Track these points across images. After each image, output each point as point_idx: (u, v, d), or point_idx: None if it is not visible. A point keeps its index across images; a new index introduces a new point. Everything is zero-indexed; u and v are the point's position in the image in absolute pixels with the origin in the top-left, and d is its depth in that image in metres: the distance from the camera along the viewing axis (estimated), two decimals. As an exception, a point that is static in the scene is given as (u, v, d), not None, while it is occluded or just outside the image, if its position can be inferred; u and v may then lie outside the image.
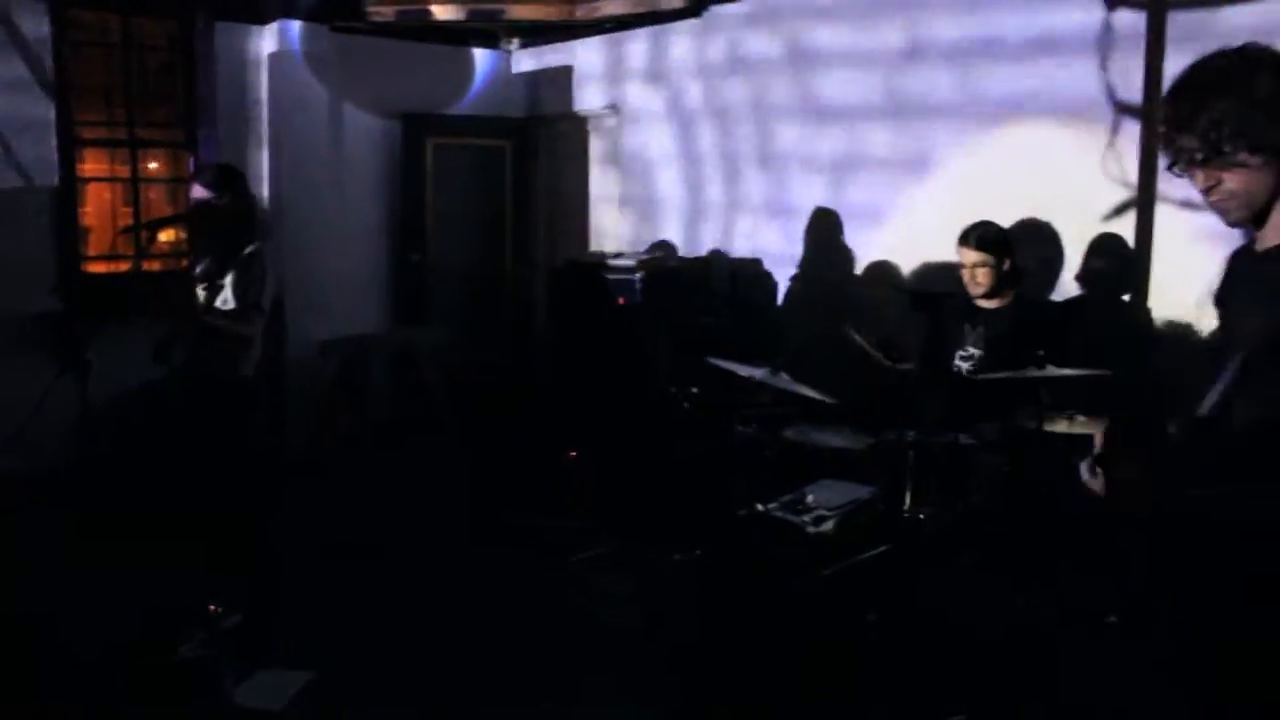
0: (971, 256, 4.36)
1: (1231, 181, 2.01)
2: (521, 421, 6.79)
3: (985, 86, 4.97)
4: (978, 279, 4.37)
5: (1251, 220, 2.07)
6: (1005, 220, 4.51)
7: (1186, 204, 4.23)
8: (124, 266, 6.35)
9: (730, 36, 6.24)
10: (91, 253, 6.49)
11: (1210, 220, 2.21)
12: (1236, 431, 2.01)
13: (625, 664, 4.02)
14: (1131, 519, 2.76)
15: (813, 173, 5.82)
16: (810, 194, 5.82)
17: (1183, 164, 2.07)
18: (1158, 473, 2.04)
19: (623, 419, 5.68)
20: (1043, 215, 4.77)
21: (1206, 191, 2.05)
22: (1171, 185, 4.27)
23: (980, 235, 4.35)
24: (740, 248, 6.29)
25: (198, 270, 4.59)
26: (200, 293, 4.47)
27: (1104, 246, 4.60)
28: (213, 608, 4.10)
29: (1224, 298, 2.28)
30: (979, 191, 4.94)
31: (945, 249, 4.57)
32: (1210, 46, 2.09)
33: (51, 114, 6.11)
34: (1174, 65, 4.11)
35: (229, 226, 4.50)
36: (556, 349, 6.81)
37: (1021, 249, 4.47)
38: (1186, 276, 4.17)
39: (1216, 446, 2.01)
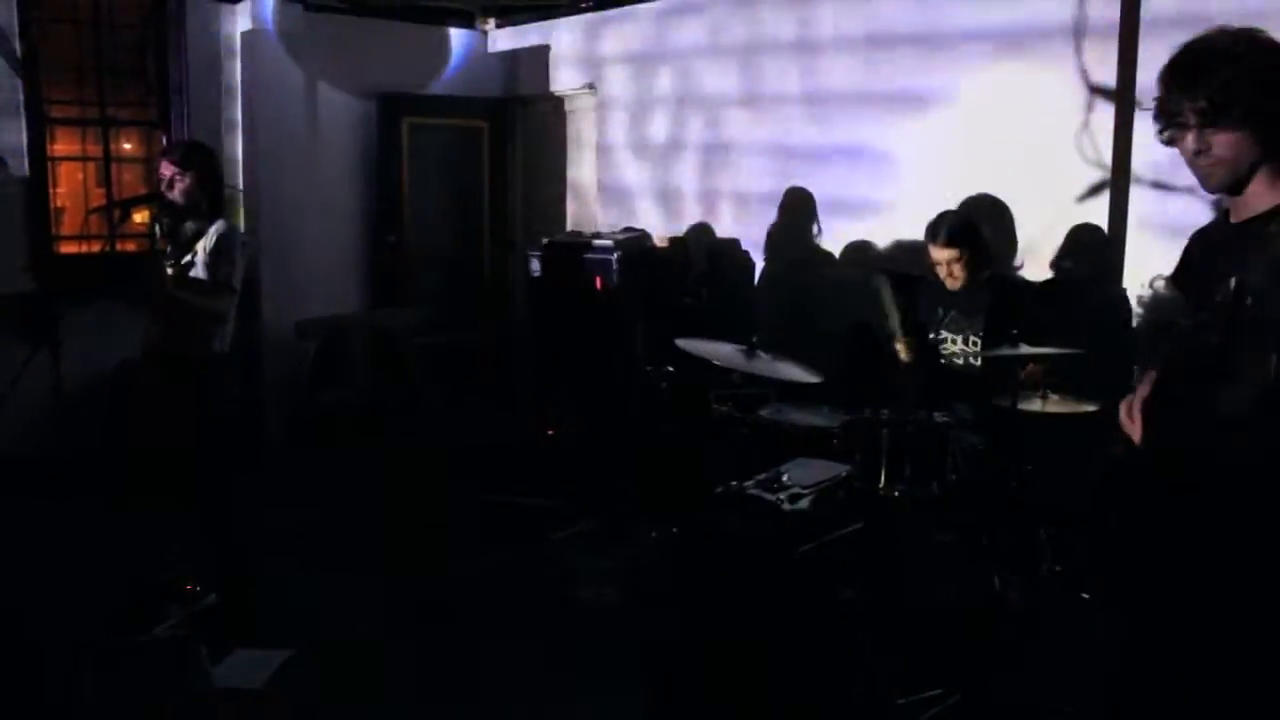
0: (944, 254, 4.30)
1: (1220, 147, 2.13)
2: (499, 402, 6.79)
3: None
4: (954, 274, 4.33)
5: (1231, 188, 2.19)
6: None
7: (1158, 185, 4.27)
8: (97, 247, 6.30)
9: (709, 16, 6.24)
10: (64, 233, 6.43)
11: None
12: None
13: (602, 641, 4.04)
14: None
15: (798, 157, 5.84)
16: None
17: (1175, 129, 2.17)
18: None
19: (600, 398, 5.68)
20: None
21: (1196, 154, 2.16)
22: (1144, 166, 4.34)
23: (949, 230, 4.30)
24: (718, 228, 6.30)
25: (167, 249, 4.55)
26: (169, 270, 4.43)
27: (1078, 228, 4.63)
28: (189, 587, 4.08)
29: (1184, 277, 2.42)
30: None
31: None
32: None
33: (20, 93, 6.03)
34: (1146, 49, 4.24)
35: (196, 204, 4.46)
36: (534, 329, 6.80)
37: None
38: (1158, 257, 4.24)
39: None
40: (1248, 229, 2.17)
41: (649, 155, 6.72)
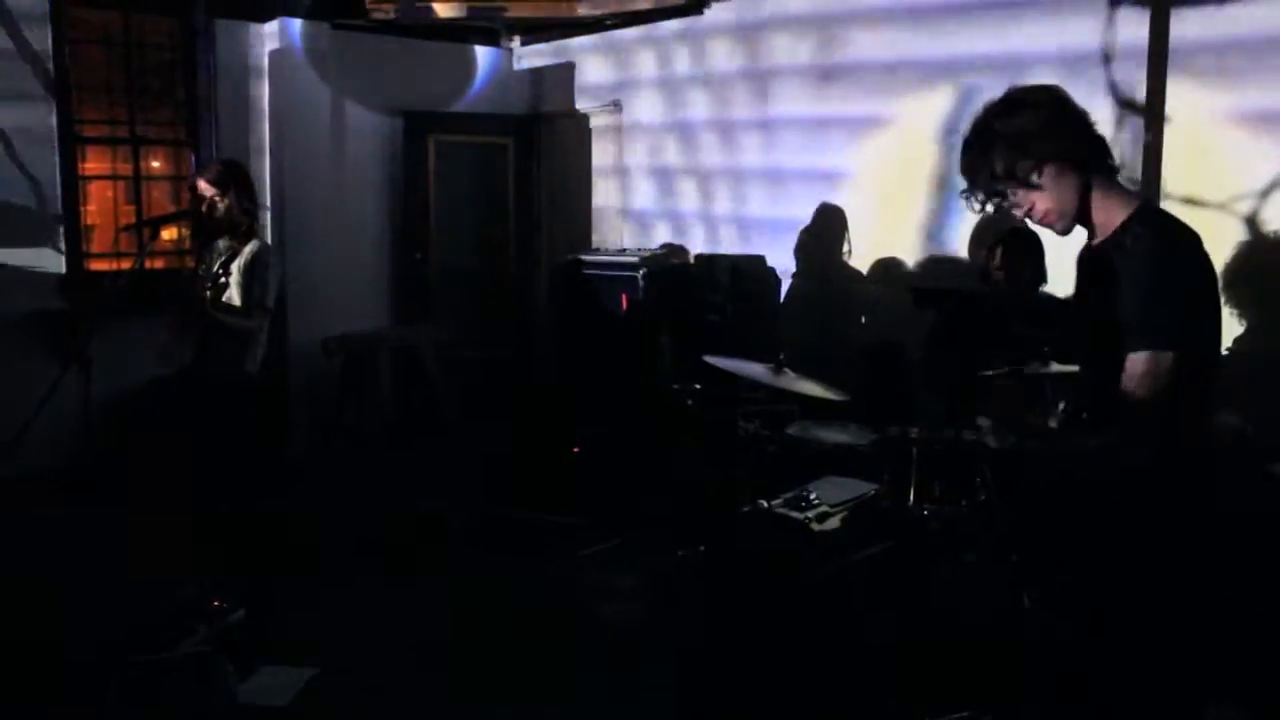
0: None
1: (1040, 200, 2.34)
2: (524, 418, 6.79)
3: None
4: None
5: (1076, 224, 2.39)
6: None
7: (1190, 201, 4.24)
8: (127, 264, 6.35)
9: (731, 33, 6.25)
10: (94, 250, 6.49)
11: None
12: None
13: (628, 660, 4.02)
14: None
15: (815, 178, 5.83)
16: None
17: (999, 201, 2.40)
18: None
19: (626, 415, 5.67)
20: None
21: (1027, 215, 2.39)
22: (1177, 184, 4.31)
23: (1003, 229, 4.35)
24: (741, 245, 6.29)
25: (201, 269, 4.57)
26: (205, 289, 4.45)
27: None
28: (216, 603, 4.09)
29: (1076, 294, 2.66)
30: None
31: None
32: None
33: (53, 113, 6.10)
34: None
35: (233, 223, 4.48)
36: (559, 346, 6.80)
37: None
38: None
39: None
40: (1097, 253, 2.35)
41: (672, 172, 6.72)
